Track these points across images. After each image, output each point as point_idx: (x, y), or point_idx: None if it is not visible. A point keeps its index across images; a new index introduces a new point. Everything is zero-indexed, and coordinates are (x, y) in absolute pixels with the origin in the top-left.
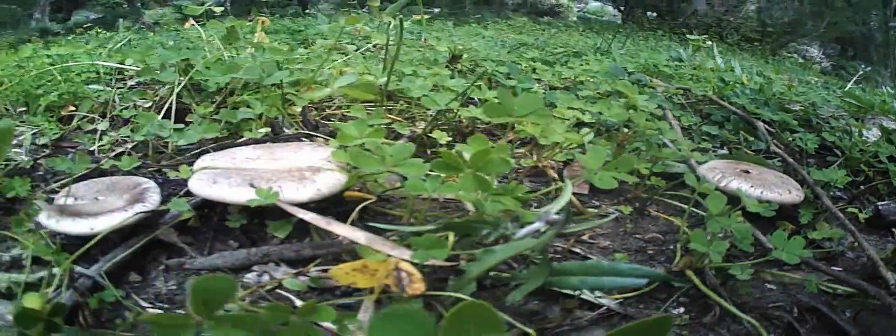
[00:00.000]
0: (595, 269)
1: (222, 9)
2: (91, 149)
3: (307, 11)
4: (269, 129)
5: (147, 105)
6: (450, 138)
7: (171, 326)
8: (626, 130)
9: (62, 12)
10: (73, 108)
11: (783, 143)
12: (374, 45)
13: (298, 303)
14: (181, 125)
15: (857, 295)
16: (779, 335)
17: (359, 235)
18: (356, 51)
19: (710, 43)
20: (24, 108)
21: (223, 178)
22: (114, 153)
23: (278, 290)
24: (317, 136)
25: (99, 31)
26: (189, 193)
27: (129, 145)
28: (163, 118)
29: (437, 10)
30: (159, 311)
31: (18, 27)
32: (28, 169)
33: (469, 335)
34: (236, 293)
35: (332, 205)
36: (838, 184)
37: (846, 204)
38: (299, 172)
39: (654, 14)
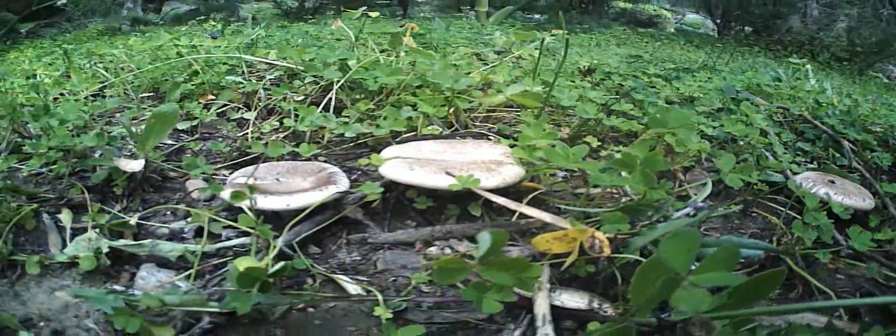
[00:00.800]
0: (727, 241)
1: (377, 14)
2: (238, 135)
3: (419, 14)
4: (435, 128)
5: (299, 98)
6: (599, 143)
7: (452, 270)
8: (741, 143)
9: (153, 2)
10: (213, 97)
11: (863, 160)
12: (517, 57)
13: None
14: (345, 119)
15: None
16: (845, 312)
17: (545, 215)
18: (496, 60)
19: (808, 67)
20: (148, 94)
21: (418, 166)
22: (263, 141)
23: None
24: (483, 135)
25: (222, 25)
26: (357, 179)
27: (282, 134)
28: (321, 111)
29: (536, 16)
30: (345, 278)
31: (108, 15)
32: (178, 151)
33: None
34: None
35: (504, 194)
36: None
37: None
38: (485, 164)
39: (750, 29)
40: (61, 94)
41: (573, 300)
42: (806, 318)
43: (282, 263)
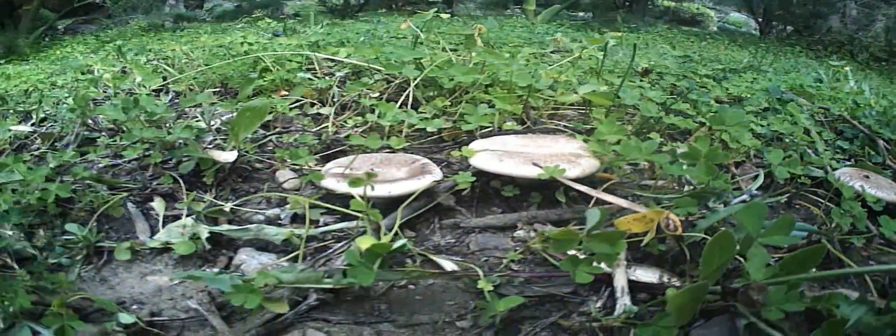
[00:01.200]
0: None
1: (449, 14)
2: (317, 129)
3: (465, 12)
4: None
5: (374, 95)
6: (663, 139)
7: (563, 240)
8: (786, 140)
9: None
10: (286, 93)
11: None
12: (578, 56)
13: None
14: (424, 114)
15: None
16: (875, 291)
17: (622, 201)
18: (558, 60)
19: (847, 69)
20: (215, 90)
21: (508, 158)
22: (343, 134)
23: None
24: (558, 131)
25: (284, 24)
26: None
27: (360, 129)
28: (399, 107)
29: (581, 14)
30: (442, 259)
31: (151, 12)
32: (260, 144)
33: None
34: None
35: (581, 183)
36: None
37: None
38: (565, 157)
39: (791, 28)
40: (121, 90)
41: (646, 275)
42: (842, 292)
43: (402, 241)
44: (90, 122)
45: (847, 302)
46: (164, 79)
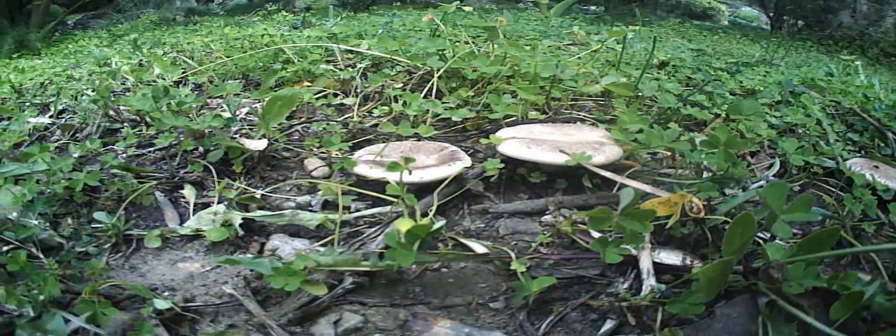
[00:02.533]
0: None
1: (471, 8)
2: (342, 119)
3: (476, 3)
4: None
5: (397, 85)
6: (681, 129)
7: (600, 218)
8: (799, 131)
9: None
10: (309, 84)
11: None
12: (594, 49)
13: (596, 234)
14: (448, 104)
15: None
16: (887, 276)
17: (646, 186)
18: (576, 52)
19: (858, 63)
20: (235, 81)
21: (535, 145)
22: (368, 124)
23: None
24: (581, 120)
25: (303, 16)
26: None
27: (385, 118)
28: (423, 97)
29: (593, 8)
30: (473, 242)
31: (162, 6)
32: (287, 133)
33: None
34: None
35: (606, 170)
36: None
37: None
38: (590, 145)
39: (802, 23)
40: (141, 83)
41: (670, 257)
42: (856, 273)
43: (440, 223)
44: (112, 112)
45: (860, 282)
46: (184, 71)
